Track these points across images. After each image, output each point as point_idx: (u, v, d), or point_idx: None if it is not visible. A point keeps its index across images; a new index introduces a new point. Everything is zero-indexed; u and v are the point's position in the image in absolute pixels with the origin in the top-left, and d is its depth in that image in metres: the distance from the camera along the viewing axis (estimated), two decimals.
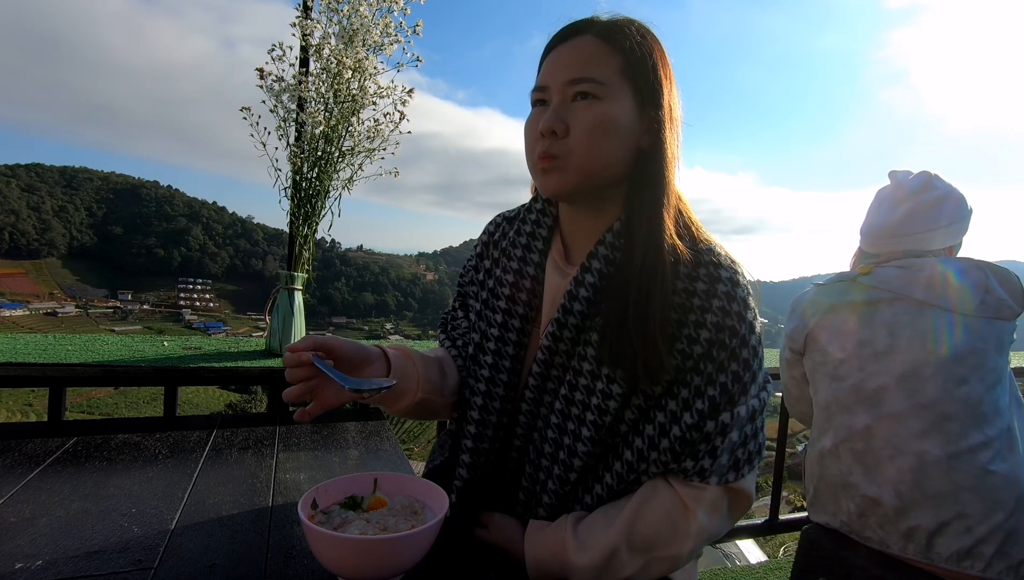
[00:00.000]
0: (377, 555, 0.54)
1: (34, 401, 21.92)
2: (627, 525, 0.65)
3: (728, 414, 0.64)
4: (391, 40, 1.60)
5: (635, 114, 0.68)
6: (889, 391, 1.01)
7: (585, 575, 0.66)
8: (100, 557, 0.63)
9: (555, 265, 0.75)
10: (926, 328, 1.01)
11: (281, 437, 1.08)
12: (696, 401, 0.63)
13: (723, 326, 0.64)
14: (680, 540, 0.65)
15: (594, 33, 0.68)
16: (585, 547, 0.66)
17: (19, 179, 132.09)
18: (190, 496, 0.81)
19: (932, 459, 0.95)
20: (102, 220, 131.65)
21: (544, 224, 0.78)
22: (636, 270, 0.65)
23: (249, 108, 1.53)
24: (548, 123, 0.66)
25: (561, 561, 0.67)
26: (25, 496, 0.77)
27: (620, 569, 0.66)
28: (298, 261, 1.58)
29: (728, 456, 0.64)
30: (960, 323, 0.99)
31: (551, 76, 0.68)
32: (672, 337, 0.64)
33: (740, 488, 0.66)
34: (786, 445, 2.20)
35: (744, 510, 0.68)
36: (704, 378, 0.64)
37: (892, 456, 0.99)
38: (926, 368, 0.98)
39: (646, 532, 0.65)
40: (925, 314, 1.01)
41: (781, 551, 7.72)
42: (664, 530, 0.65)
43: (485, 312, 0.78)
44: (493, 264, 0.81)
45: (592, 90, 0.66)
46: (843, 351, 1.08)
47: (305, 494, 0.60)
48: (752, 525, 2.15)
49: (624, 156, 0.68)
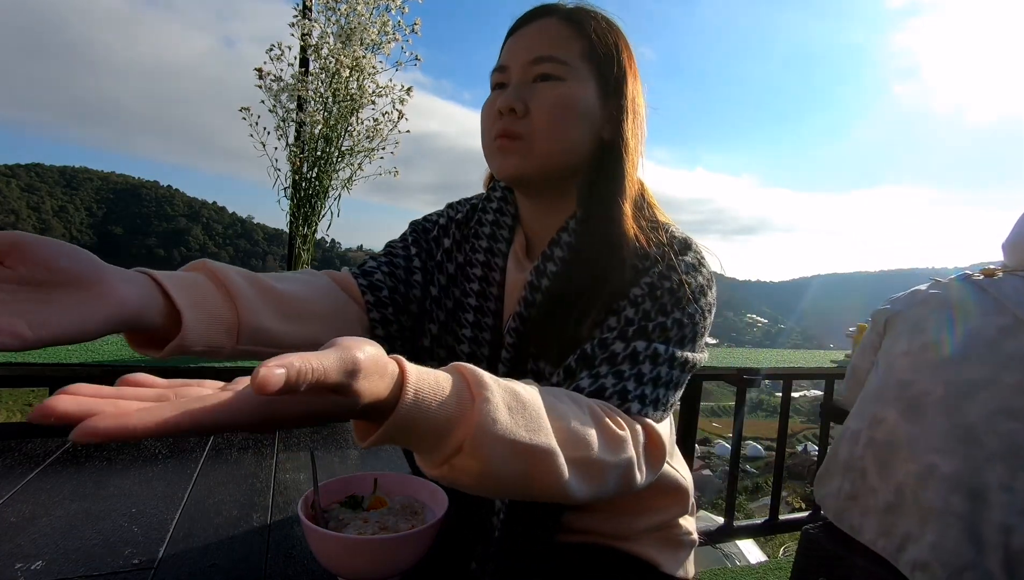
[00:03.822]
0: (377, 555, 0.54)
1: (34, 401, 21.94)
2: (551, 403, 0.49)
3: (662, 346, 0.59)
4: (389, 38, 1.60)
5: (597, 101, 0.66)
6: (932, 398, 0.94)
7: (492, 442, 0.42)
8: (100, 557, 0.63)
9: (515, 258, 0.73)
10: (1011, 351, 0.90)
11: (281, 437, 1.08)
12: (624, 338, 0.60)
13: (658, 286, 0.61)
14: (600, 442, 0.51)
15: (559, 16, 0.67)
16: (509, 407, 0.44)
17: (19, 179, 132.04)
18: (190, 496, 0.81)
19: (939, 475, 0.90)
20: (102, 220, 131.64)
21: (507, 212, 0.75)
22: (593, 262, 0.64)
23: (248, 108, 1.54)
24: (507, 101, 0.63)
25: (452, 417, 0.41)
26: (25, 496, 0.77)
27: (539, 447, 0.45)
28: (298, 261, 1.58)
29: (652, 389, 0.58)
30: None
31: (512, 56, 0.66)
32: (606, 309, 0.62)
33: (656, 430, 0.58)
34: (786, 445, 2.21)
35: (659, 459, 0.58)
36: (638, 319, 0.61)
37: (906, 459, 0.95)
38: (982, 391, 0.89)
39: (568, 427, 0.49)
40: (1019, 335, 0.90)
41: (781, 551, 7.73)
42: (585, 431, 0.50)
43: (444, 301, 0.74)
44: (455, 245, 0.77)
45: (554, 71, 0.64)
46: (908, 345, 1.02)
47: (305, 494, 0.60)
48: (752, 525, 2.15)
49: (585, 143, 0.66)
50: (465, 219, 0.78)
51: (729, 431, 28.67)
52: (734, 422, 2.06)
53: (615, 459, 0.52)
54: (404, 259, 0.76)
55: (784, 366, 2.05)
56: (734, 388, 1.93)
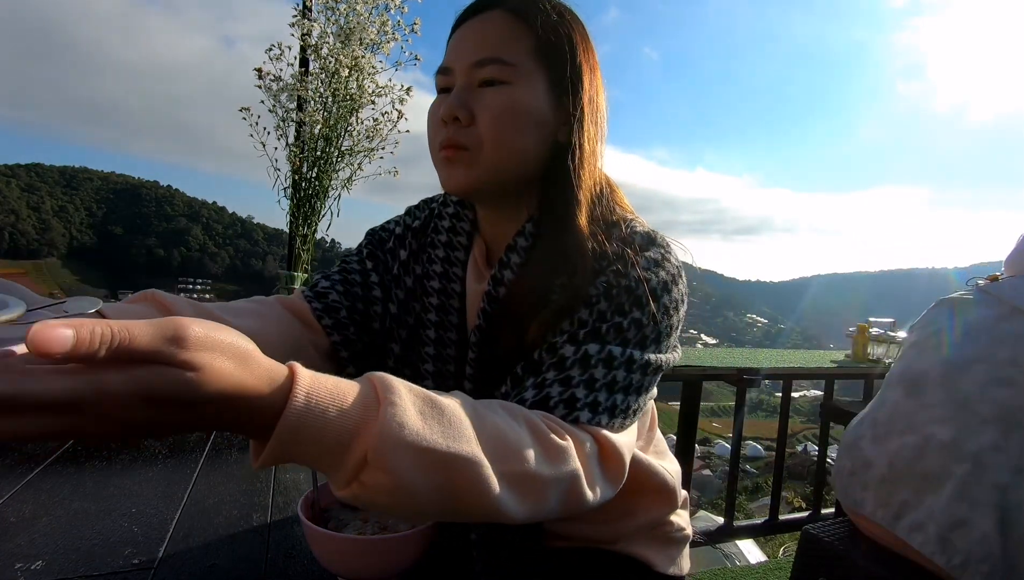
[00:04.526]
0: (376, 554, 0.54)
1: None
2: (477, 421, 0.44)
3: (617, 349, 0.55)
4: (388, 38, 1.60)
5: (550, 103, 0.61)
6: (930, 376, 1.01)
7: (397, 454, 0.38)
8: (100, 557, 0.63)
9: (475, 268, 0.69)
10: (1005, 330, 0.96)
11: None
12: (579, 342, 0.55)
13: (614, 285, 0.57)
14: (536, 454, 0.46)
15: (506, 8, 0.61)
16: (420, 412, 0.40)
17: (19, 179, 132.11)
18: (190, 496, 0.81)
19: (936, 443, 0.94)
20: (102, 220, 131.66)
21: (465, 217, 0.70)
22: (548, 267, 0.60)
23: (248, 108, 1.54)
24: (450, 109, 0.58)
25: (353, 424, 0.37)
26: (25, 496, 0.77)
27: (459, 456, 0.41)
28: (298, 261, 1.58)
29: (607, 395, 0.54)
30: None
31: (456, 56, 0.61)
32: (561, 317, 0.57)
33: (610, 440, 0.53)
34: (786, 445, 2.21)
35: (617, 472, 0.55)
36: (592, 321, 0.57)
37: (903, 431, 0.99)
38: (976, 365, 0.95)
39: (496, 436, 0.45)
40: (1015, 320, 0.96)
41: (781, 551, 7.73)
42: (517, 440, 0.46)
43: (405, 317, 0.70)
44: (411, 257, 0.72)
45: (499, 74, 0.58)
46: (917, 337, 1.10)
47: (305, 494, 0.60)
48: (752, 525, 2.15)
49: (538, 150, 0.61)
50: (422, 226, 0.73)
51: (729, 431, 28.65)
52: (734, 422, 2.06)
53: (554, 473, 0.47)
54: (360, 274, 0.72)
55: (784, 366, 2.05)
56: (734, 388, 1.93)
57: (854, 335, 2.38)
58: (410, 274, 0.71)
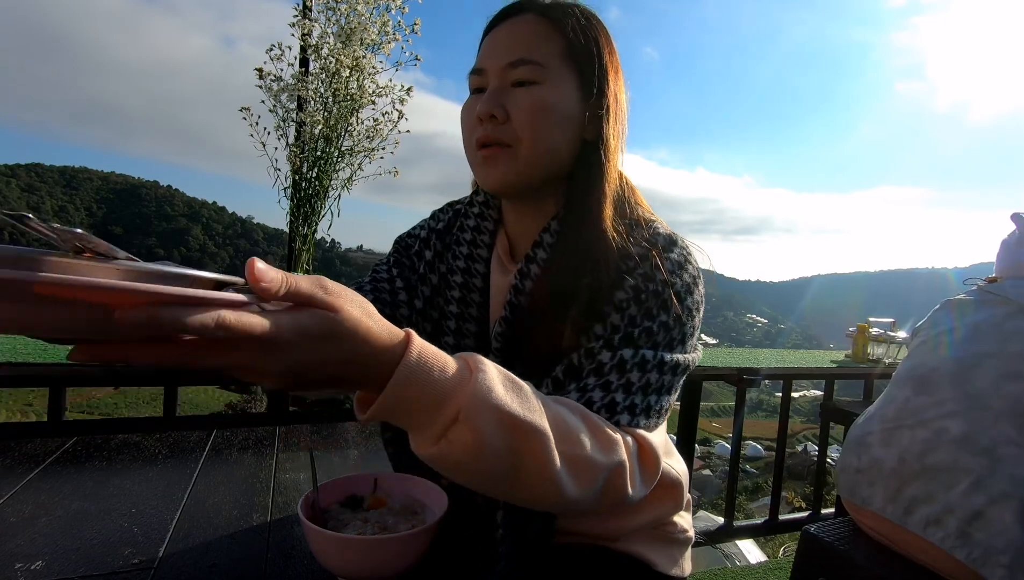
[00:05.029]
0: (377, 555, 0.54)
1: (34, 401, 21.92)
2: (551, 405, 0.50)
3: (650, 353, 0.58)
4: (389, 39, 1.60)
5: (578, 102, 0.64)
6: (941, 372, 1.02)
7: (489, 423, 0.43)
8: (100, 557, 0.63)
9: (499, 262, 0.72)
10: (1014, 327, 0.99)
11: (281, 437, 1.08)
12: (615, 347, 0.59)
13: (642, 289, 0.60)
14: (592, 441, 0.50)
15: (536, 12, 0.65)
16: (507, 387, 0.46)
17: (19, 179, 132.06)
18: (190, 496, 0.81)
19: (948, 438, 0.95)
20: (102, 220, 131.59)
21: (489, 217, 0.74)
22: (574, 263, 0.62)
23: (249, 108, 1.53)
24: (486, 107, 0.62)
25: (451, 384, 0.42)
26: (25, 496, 0.77)
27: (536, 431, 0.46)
28: (298, 261, 1.58)
29: (642, 397, 0.57)
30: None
31: (490, 58, 0.64)
32: (590, 314, 0.61)
33: (648, 440, 0.57)
34: (786, 445, 2.21)
35: (653, 472, 0.58)
36: (624, 326, 0.60)
37: (913, 426, 1.00)
38: (987, 361, 0.98)
39: (559, 418, 0.49)
40: (1021, 318, 1.00)
41: (781, 551, 7.73)
42: (576, 425, 0.50)
43: (430, 312, 0.73)
44: (436, 257, 0.76)
45: (531, 75, 0.62)
46: (925, 336, 1.12)
47: (305, 494, 0.60)
48: (752, 525, 2.15)
49: (569, 146, 0.65)
50: (447, 228, 0.77)
51: (729, 431, 28.65)
52: (734, 422, 2.06)
53: (605, 461, 0.51)
54: (388, 282, 0.76)
55: (784, 366, 2.05)
56: (734, 388, 1.93)
57: (854, 335, 2.38)
58: (435, 272, 0.75)
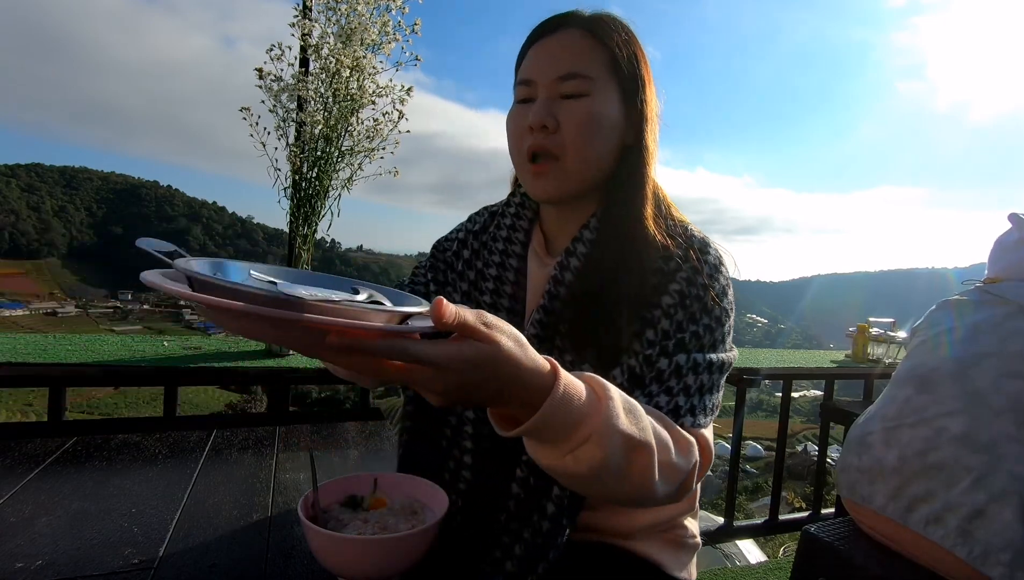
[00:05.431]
0: (377, 555, 0.54)
1: (34, 401, 21.92)
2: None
3: (699, 355, 0.63)
4: (389, 39, 1.60)
5: (620, 111, 0.68)
6: (941, 372, 1.03)
7: (613, 434, 0.49)
8: (100, 557, 0.63)
9: (536, 256, 0.75)
10: (1014, 327, 1.00)
11: (281, 437, 1.08)
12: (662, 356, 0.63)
13: (687, 294, 0.64)
14: (675, 447, 0.56)
15: (580, 26, 0.68)
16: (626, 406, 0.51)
17: (19, 179, 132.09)
18: (190, 496, 0.81)
19: (948, 436, 0.95)
20: (102, 220, 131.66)
21: (524, 216, 0.77)
22: (615, 257, 0.66)
23: (249, 108, 1.53)
24: (539, 117, 0.65)
25: (586, 410, 0.48)
26: (25, 496, 0.77)
27: (648, 444, 0.52)
28: (298, 261, 1.58)
29: (699, 398, 0.62)
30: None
31: (538, 70, 0.67)
32: (640, 318, 0.64)
33: (705, 438, 0.62)
34: (786, 445, 2.21)
35: (708, 463, 0.62)
36: (673, 331, 0.64)
37: (914, 425, 1.01)
38: (987, 360, 0.99)
39: (656, 430, 0.55)
40: (1021, 318, 1.00)
41: (781, 551, 7.72)
42: (665, 434, 0.56)
43: (467, 305, 0.76)
44: (473, 255, 0.80)
45: (580, 88, 0.65)
46: (924, 336, 1.13)
47: (305, 494, 0.60)
48: (752, 525, 2.15)
49: (612, 153, 0.69)
50: (482, 229, 0.82)
51: (729, 431, 28.63)
52: (734, 422, 2.06)
53: (686, 463, 0.57)
54: (423, 285, 0.82)
55: (784, 366, 2.05)
56: (734, 388, 1.93)
57: (854, 335, 2.38)
58: (472, 269, 0.79)
